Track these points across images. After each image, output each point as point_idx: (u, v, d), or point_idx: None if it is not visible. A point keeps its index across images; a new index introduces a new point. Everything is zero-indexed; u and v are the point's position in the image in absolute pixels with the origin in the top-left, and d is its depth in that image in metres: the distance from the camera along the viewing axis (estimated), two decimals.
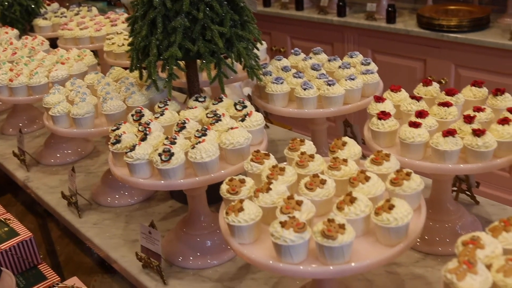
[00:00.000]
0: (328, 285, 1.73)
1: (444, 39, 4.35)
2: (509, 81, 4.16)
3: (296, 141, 1.87)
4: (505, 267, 1.29)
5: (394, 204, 1.50)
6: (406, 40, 4.58)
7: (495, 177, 4.44)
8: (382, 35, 4.70)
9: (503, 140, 1.83)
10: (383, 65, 4.68)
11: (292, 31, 5.40)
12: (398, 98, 2.14)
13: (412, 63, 4.62)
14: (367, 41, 4.83)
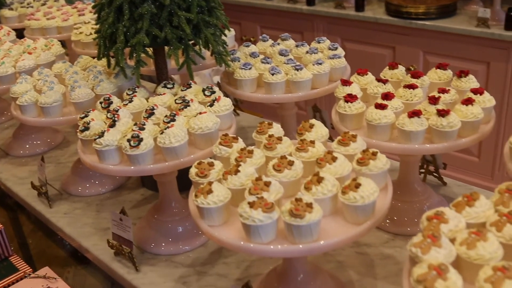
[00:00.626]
0: (299, 266, 1.75)
1: (412, 27, 4.40)
2: (476, 67, 4.23)
3: (264, 124, 1.89)
4: (468, 240, 1.33)
5: (360, 182, 1.53)
6: (375, 28, 4.61)
7: (465, 162, 4.51)
8: (351, 23, 4.74)
9: (467, 120, 1.87)
10: (352, 53, 4.72)
11: (262, 21, 5.41)
12: (365, 81, 2.16)
13: (381, 50, 4.66)
14: (337, 30, 4.86)
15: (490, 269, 1.23)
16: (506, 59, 4.12)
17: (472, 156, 4.51)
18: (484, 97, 1.95)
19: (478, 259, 1.29)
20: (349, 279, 1.94)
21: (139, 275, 2.04)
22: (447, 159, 4.19)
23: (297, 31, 5.06)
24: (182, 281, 2.00)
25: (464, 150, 4.48)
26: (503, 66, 4.15)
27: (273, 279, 1.81)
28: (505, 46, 4.09)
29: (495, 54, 4.15)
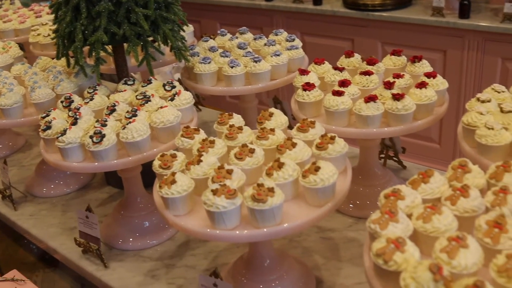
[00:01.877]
0: (265, 252, 1.79)
1: (369, 18, 4.47)
2: (433, 55, 4.32)
3: (225, 115, 1.92)
4: (424, 214, 1.38)
5: (320, 166, 1.57)
6: (333, 21, 4.68)
7: (427, 149, 4.60)
8: (309, 17, 4.79)
9: (422, 102, 1.93)
10: (312, 46, 4.79)
11: (221, 18, 5.44)
12: (322, 70, 2.21)
13: (340, 43, 4.73)
14: (295, 24, 4.92)
15: (445, 240, 1.28)
16: (461, 46, 4.22)
17: (433, 143, 4.61)
18: (437, 80, 2.02)
19: (434, 232, 1.34)
20: (315, 263, 1.99)
21: (108, 271, 2.05)
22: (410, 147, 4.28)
23: (256, 27, 5.11)
24: (151, 274, 2.02)
25: (425, 137, 4.57)
26: (459, 53, 4.26)
27: (240, 267, 1.85)
28: (460, 34, 4.19)
29: (451, 42, 4.25)
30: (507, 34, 3.98)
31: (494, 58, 4.12)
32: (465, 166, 1.54)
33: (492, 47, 4.10)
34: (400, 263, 1.26)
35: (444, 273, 1.19)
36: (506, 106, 1.79)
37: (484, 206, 1.43)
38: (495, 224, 1.32)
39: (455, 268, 1.23)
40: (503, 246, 1.29)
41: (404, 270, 1.24)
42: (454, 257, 1.24)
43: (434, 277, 1.18)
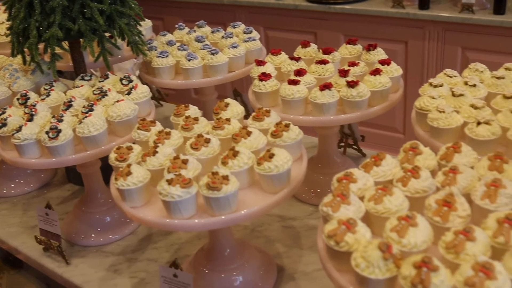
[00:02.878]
0: (225, 241, 1.79)
1: (331, 11, 4.51)
2: (395, 46, 4.37)
3: (181, 106, 1.92)
4: (375, 196, 1.40)
5: (274, 153, 1.58)
6: (295, 14, 4.70)
7: (391, 139, 4.65)
8: (272, 12, 4.81)
9: (376, 89, 1.95)
10: (276, 41, 4.81)
11: (184, 14, 5.43)
12: (279, 60, 2.23)
13: (303, 36, 4.74)
14: (259, 19, 4.93)
15: (395, 219, 1.30)
16: (422, 37, 4.28)
17: (398, 133, 4.66)
18: (391, 67, 2.04)
19: (385, 213, 1.37)
20: (277, 251, 2.00)
21: (70, 268, 2.04)
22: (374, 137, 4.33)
23: (219, 23, 5.06)
24: (113, 269, 2.02)
25: (390, 127, 4.62)
26: (420, 44, 4.31)
27: (201, 258, 1.85)
28: (420, 25, 4.24)
29: (412, 33, 4.31)
30: (466, 24, 4.04)
31: (454, 48, 4.18)
32: (416, 148, 1.56)
33: (452, 37, 4.16)
34: (352, 244, 1.28)
35: (394, 251, 1.22)
36: (457, 90, 1.83)
37: (435, 186, 1.46)
38: (444, 203, 1.35)
39: (405, 247, 1.25)
40: (452, 224, 1.31)
41: (355, 250, 1.27)
42: (404, 236, 1.26)
43: (384, 256, 1.20)
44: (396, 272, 1.20)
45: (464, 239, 1.23)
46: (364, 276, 1.21)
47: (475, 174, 1.47)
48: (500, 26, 3.92)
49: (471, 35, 4.09)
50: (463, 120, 1.73)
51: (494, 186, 1.37)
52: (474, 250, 1.21)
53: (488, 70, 2.01)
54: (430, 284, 1.12)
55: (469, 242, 1.22)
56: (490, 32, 3.99)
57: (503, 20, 3.90)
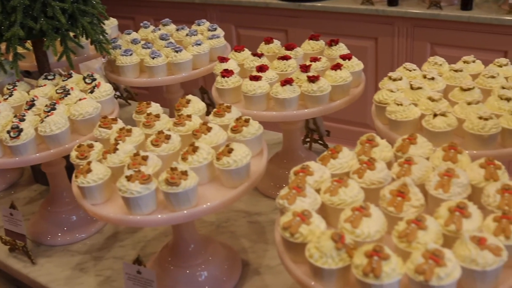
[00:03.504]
0: (189, 237, 1.80)
1: (301, 9, 4.52)
2: (365, 43, 4.40)
3: (143, 104, 1.93)
4: (331, 188, 1.42)
5: (233, 148, 1.59)
6: (266, 12, 4.72)
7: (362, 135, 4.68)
8: (243, 10, 4.82)
9: (337, 83, 1.97)
10: (247, 39, 4.82)
11: (155, 14, 5.41)
12: (242, 57, 2.24)
13: (274, 34, 4.72)
14: (230, 17, 4.94)
15: (349, 210, 1.32)
16: (391, 33, 4.31)
17: (369, 129, 4.69)
18: (352, 62, 2.07)
19: (340, 204, 1.39)
20: (242, 246, 2.01)
21: (36, 268, 2.04)
22: (345, 134, 4.36)
23: (191, 22, 5.06)
24: (79, 268, 2.01)
25: (361, 124, 4.65)
26: (389, 40, 4.35)
27: (166, 254, 1.86)
28: (389, 21, 4.28)
29: (382, 29, 4.34)
30: (434, 20, 4.08)
31: (423, 43, 4.23)
32: (373, 140, 1.59)
33: (421, 32, 4.20)
34: (306, 235, 1.29)
35: (346, 241, 1.23)
36: (416, 83, 1.86)
37: (390, 177, 1.48)
38: (398, 193, 1.37)
39: (359, 237, 1.28)
40: (406, 214, 1.34)
41: (309, 241, 1.28)
42: (357, 226, 1.28)
43: (336, 246, 1.22)
44: (349, 262, 1.22)
45: (416, 228, 1.25)
46: (317, 267, 1.23)
47: (429, 164, 1.49)
48: (467, 22, 3.97)
49: (439, 30, 4.13)
50: (421, 113, 1.76)
51: (447, 176, 1.40)
52: (426, 239, 1.23)
53: (447, 64, 2.04)
54: (381, 273, 1.15)
55: (421, 231, 1.24)
56: (458, 28, 4.04)
57: (470, 16, 3.94)
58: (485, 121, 1.63)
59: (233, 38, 5.01)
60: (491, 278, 1.19)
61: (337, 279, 1.24)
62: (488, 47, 3.95)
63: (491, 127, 1.62)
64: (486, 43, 3.96)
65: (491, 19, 3.86)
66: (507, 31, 3.86)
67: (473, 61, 2.03)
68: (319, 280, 1.25)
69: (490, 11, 3.95)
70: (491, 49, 3.95)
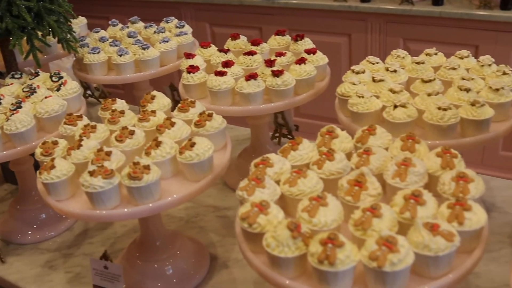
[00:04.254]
0: (156, 232, 1.82)
1: (275, 6, 4.55)
2: (338, 39, 4.43)
3: (108, 101, 1.94)
4: (290, 179, 1.44)
5: (195, 142, 1.61)
6: (240, 10, 4.73)
7: None
8: (217, 8, 4.83)
9: (301, 77, 2.00)
10: (221, 37, 4.80)
11: (130, 13, 5.34)
12: (209, 53, 2.25)
13: (248, 32, 4.76)
14: (204, 16, 4.95)
15: (307, 200, 1.34)
16: (364, 29, 4.35)
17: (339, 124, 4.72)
18: (317, 56, 2.09)
19: (299, 194, 1.41)
20: (211, 241, 2.03)
21: (5, 267, 2.04)
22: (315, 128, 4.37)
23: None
24: (48, 265, 2.02)
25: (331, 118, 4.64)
26: (363, 36, 4.38)
27: (134, 250, 1.87)
28: (362, 18, 4.31)
29: (355, 25, 4.37)
30: (406, 16, 4.12)
31: (396, 39, 4.26)
32: (333, 132, 1.61)
33: (394, 28, 4.24)
34: (264, 225, 1.31)
35: (302, 230, 1.25)
36: (377, 76, 1.88)
37: (350, 167, 1.50)
38: (355, 183, 1.39)
39: (316, 226, 1.30)
40: (363, 203, 1.36)
41: (267, 231, 1.30)
42: (314, 216, 1.30)
43: (292, 235, 1.24)
44: (305, 250, 1.24)
45: (371, 216, 1.27)
46: (274, 255, 1.25)
47: (388, 154, 1.52)
48: (439, 17, 4.01)
49: (412, 26, 4.17)
50: (382, 104, 1.79)
51: (404, 165, 1.42)
52: (381, 226, 1.26)
53: (409, 56, 2.07)
54: (335, 260, 1.17)
55: (376, 219, 1.27)
56: (430, 23, 4.08)
57: (441, 11, 3.99)
58: (443, 111, 1.66)
59: (207, 36, 5.02)
60: (444, 263, 1.22)
61: (294, 267, 1.26)
62: (460, 42, 3.99)
63: (449, 117, 1.65)
64: (457, 37, 4.00)
65: (462, 14, 3.91)
66: (478, 25, 3.91)
67: (435, 54, 2.07)
68: (277, 269, 1.27)
69: (461, 6, 4.00)
70: (463, 44, 3.96)
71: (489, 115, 1.67)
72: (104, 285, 1.72)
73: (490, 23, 3.86)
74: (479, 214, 1.28)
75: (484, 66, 1.94)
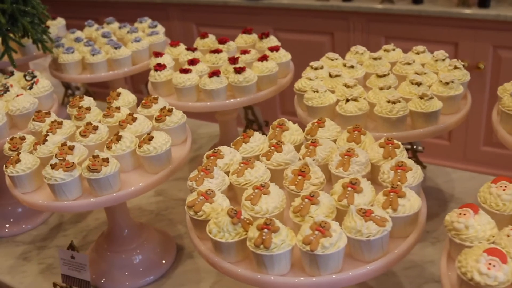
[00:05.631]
0: (123, 223, 1.89)
1: (259, 6, 4.61)
2: (322, 38, 4.49)
3: (76, 98, 2.01)
4: (238, 169, 1.51)
5: (153, 136, 1.68)
6: (226, 11, 4.81)
7: None
8: (203, 9, 4.91)
9: (263, 74, 2.07)
10: None
11: (118, 14, 5.35)
12: (177, 52, 2.33)
13: (234, 32, 4.79)
14: (191, 16, 5.02)
15: (251, 189, 1.42)
16: (347, 28, 4.41)
17: None
18: (279, 54, 2.17)
19: (246, 184, 1.48)
20: (178, 233, 2.11)
21: None
22: None
23: None
24: (23, 257, 2.10)
25: None
26: (345, 35, 4.44)
27: (103, 241, 1.95)
28: (344, 17, 4.38)
29: (337, 24, 4.44)
30: (387, 14, 4.19)
31: (378, 38, 4.33)
32: (283, 125, 1.68)
33: (375, 27, 4.30)
34: (209, 213, 1.39)
35: (242, 217, 1.33)
36: (334, 71, 1.96)
37: (298, 158, 1.58)
38: (299, 173, 1.47)
39: (258, 213, 1.37)
40: (306, 192, 1.43)
41: (211, 218, 1.38)
42: (256, 203, 1.38)
43: (232, 221, 1.32)
44: (244, 235, 1.31)
45: (309, 203, 1.35)
46: (216, 241, 1.33)
47: (334, 146, 1.59)
48: (418, 15, 4.07)
49: (392, 24, 4.23)
50: (336, 99, 1.86)
51: (347, 156, 1.50)
52: (318, 212, 1.33)
53: (368, 52, 2.15)
54: (270, 244, 1.24)
55: (314, 206, 1.34)
56: (410, 21, 4.14)
57: (421, 9, 4.05)
58: (393, 104, 1.73)
59: (194, 36, 5.09)
60: (377, 247, 1.29)
61: (236, 252, 1.33)
62: (440, 39, 4.06)
63: (398, 110, 1.72)
64: (437, 35, 4.06)
65: (441, 12, 3.97)
66: (457, 23, 3.97)
67: (393, 49, 2.14)
68: (219, 254, 1.35)
69: (441, 4, 4.07)
70: (443, 41, 4.06)
71: (437, 108, 1.75)
72: (71, 274, 1.80)
73: (469, 20, 3.92)
74: (413, 200, 1.35)
75: (438, 61, 2.01)
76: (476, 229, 1.24)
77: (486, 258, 1.13)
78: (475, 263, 1.13)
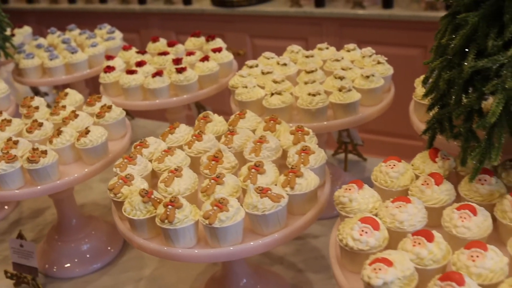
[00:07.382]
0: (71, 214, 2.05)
1: (235, 14, 4.76)
2: (296, 43, 4.60)
3: (27, 98, 2.17)
4: (159, 156, 1.66)
5: (89, 130, 1.83)
6: (203, 18, 4.95)
7: None
8: (182, 17, 5.06)
9: (204, 73, 2.22)
10: None
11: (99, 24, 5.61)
12: (129, 55, 2.48)
13: None
14: (170, 25, 5.16)
15: (166, 173, 1.56)
16: (320, 33, 4.55)
17: None
18: (221, 54, 2.31)
19: (166, 169, 1.62)
20: None
21: None
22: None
23: (133, 31, 5.31)
24: None
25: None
26: (319, 40, 4.56)
27: (54, 233, 2.11)
28: (318, 22, 4.51)
29: (311, 30, 4.57)
30: (358, 19, 4.32)
31: (350, 42, 4.44)
32: (207, 117, 1.83)
33: (347, 32, 4.43)
34: (127, 194, 1.53)
35: (153, 196, 1.47)
36: (266, 69, 2.10)
37: (218, 147, 1.71)
38: (213, 158, 1.61)
39: (170, 194, 1.51)
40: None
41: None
42: (169, 185, 1.52)
43: (143, 200, 1.46)
44: (154, 213, 1.45)
45: (215, 183, 1.49)
46: (130, 218, 1.47)
47: (251, 134, 1.73)
48: (388, 20, 4.20)
49: (364, 29, 4.36)
50: (265, 93, 2.00)
51: (259, 142, 1.64)
52: (223, 192, 1.47)
53: (303, 51, 2.29)
54: (174, 219, 1.38)
55: (219, 186, 1.48)
56: (381, 26, 4.26)
57: (391, 14, 4.18)
58: (313, 96, 1.87)
59: None
60: (273, 221, 1.42)
61: (148, 228, 1.47)
62: (410, 43, 4.18)
63: (317, 102, 1.86)
64: (407, 39, 4.19)
65: (410, 16, 4.10)
66: (426, 27, 4.09)
67: (326, 48, 2.29)
68: (134, 231, 1.49)
69: (410, 8, 4.19)
70: (412, 45, 4.18)
71: (355, 99, 1.88)
72: (21, 262, 1.94)
73: (437, 23, 4.04)
74: (310, 179, 1.49)
75: (365, 57, 2.15)
76: (359, 202, 1.38)
77: (359, 226, 1.27)
78: (350, 230, 1.26)
